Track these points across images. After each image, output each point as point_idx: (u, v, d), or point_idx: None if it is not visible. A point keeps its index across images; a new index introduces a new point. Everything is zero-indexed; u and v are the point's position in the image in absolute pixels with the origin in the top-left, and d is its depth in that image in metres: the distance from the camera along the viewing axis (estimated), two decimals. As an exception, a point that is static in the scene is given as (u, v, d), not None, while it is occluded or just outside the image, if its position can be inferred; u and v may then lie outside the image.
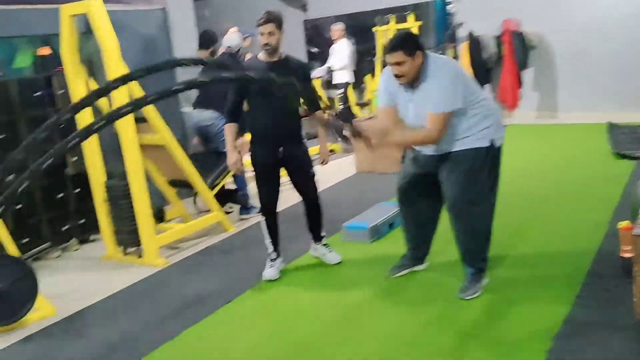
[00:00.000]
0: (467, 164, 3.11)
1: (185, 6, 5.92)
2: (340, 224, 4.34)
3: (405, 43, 3.01)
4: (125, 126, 4.04)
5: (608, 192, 4.61)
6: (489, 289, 3.19)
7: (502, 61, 8.27)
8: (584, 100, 8.05)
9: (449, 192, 3.17)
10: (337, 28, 8.68)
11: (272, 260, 3.68)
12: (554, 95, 8.41)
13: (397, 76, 3.04)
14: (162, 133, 4.34)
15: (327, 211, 3.69)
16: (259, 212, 3.81)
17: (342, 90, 8.64)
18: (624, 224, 3.30)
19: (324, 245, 3.86)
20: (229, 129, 3.58)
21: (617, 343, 2.57)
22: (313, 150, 4.00)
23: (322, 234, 3.84)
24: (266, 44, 3.41)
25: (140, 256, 4.27)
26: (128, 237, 4.24)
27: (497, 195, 3.23)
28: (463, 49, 8.32)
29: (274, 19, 3.40)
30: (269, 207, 3.64)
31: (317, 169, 3.56)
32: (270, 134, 3.53)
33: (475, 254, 3.23)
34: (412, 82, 3.05)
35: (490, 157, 3.13)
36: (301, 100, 3.62)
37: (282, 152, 3.55)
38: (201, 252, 4.37)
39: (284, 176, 3.68)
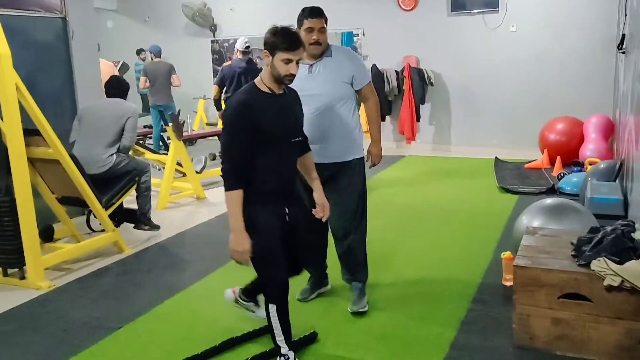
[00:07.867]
0: (360, 173, 3.24)
1: (87, 16, 5.76)
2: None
3: (323, 12, 3.09)
4: (14, 138, 3.77)
5: (493, 223, 4.96)
6: (380, 308, 3.31)
7: (403, 95, 8.72)
8: (474, 136, 8.66)
9: (345, 204, 3.19)
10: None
11: None
12: (448, 130, 8.97)
13: (315, 43, 3.03)
14: (55, 147, 4.09)
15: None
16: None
17: None
18: (506, 254, 3.58)
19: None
20: (236, 198, 2.44)
21: (497, 367, 2.73)
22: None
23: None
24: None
25: (22, 278, 3.96)
26: (10, 257, 3.94)
27: None
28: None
29: None
30: (285, 287, 2.60)
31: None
32: (284, 188, 2.63)
33: (364, 266, 3.37)
34: (319, 55, 3.10)
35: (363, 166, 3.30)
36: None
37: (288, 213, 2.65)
38: (92, 275, 4.13)
39: None
